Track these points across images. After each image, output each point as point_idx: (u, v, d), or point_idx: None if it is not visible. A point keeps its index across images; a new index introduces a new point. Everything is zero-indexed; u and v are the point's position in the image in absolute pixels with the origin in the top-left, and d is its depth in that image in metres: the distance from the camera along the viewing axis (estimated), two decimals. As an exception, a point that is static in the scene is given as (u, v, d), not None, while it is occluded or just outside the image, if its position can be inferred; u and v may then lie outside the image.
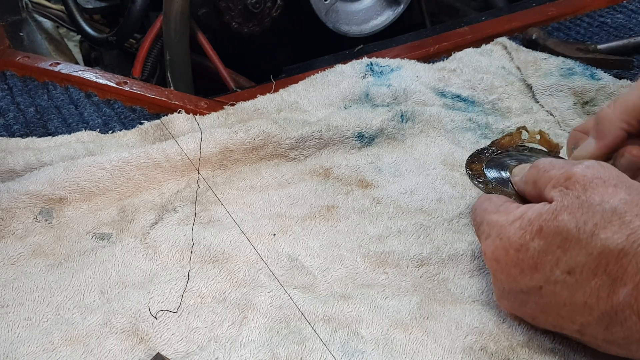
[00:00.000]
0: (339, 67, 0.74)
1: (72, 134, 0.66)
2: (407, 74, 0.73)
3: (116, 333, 0.46)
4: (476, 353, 0.44)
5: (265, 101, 0.70)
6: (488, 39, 0.82)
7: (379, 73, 0.73)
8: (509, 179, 0.51)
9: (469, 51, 0.79)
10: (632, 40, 0.80)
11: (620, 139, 0.48)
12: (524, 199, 0.48)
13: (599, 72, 0.73)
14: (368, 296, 0.48)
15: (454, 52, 0.79)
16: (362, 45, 0.88)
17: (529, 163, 0.50)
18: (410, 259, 0.52)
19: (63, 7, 1.12)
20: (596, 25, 0.88)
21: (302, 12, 0.94)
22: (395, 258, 0.52)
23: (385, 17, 1.02)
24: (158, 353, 0.44)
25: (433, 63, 0.78)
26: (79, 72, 0.77)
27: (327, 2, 0.95)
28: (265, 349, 0.44)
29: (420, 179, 0.61)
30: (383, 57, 0.76)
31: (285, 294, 0.48)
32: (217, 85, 0.91)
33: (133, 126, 0.68)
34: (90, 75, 0.76)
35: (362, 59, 0.75)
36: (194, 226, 0.55)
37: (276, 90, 0.73)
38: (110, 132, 0.67)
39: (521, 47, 0.79)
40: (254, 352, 0.44)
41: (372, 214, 0.57)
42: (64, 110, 0.71)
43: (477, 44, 0.81)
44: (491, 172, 0.54)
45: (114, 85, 0.75)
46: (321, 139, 0.64)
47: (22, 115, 0.70)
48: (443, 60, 0.78)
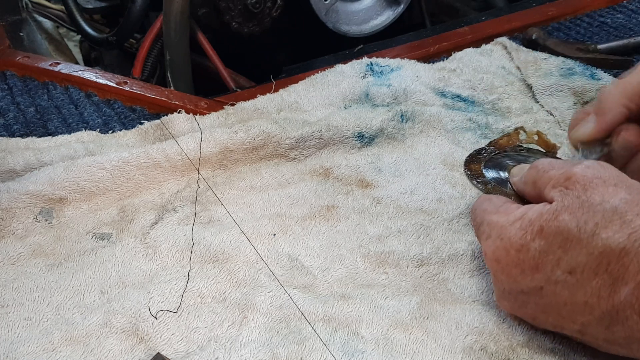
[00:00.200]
0: (339, 67, 0.74)
1: (72, 134, 0.66)
2: (407, 74, 0.73)
3: (116, 333, 0.46)
4: (476, 353, 0.44)
5: (265, 101, 0.70)
6: (488, 39, 0.82)
7: (379, 73, 0.73)
8: (508, 179, 0.51)
9: (469, 51, 0.79)
10: (632, 40, 0.80)
11: (620, 117, 0.48)
12: (523, 199, 0.48)
13: (599, 72, 0.73)
14: (368, 296, 0.48)
15: (454, 52, 0.79)
16: (362, 45, 0.87)
17: (527, 163, 0.50)
18: (410, 259, 0.52)
19: (63, 7, 1.12)
20: (596, 25, 0.87)
21: (302, 12, 0.94)
22: (395, 258, 0.52)
23: (385, 17, 1.02)
24: (158, 353, 0.44)
25: (433, 63, 0.78)
26: (79, 72, 0.77)
27: (327, 2, 0.95)
28: (265, 348, 0.44)
29: (420, 179, 0.61)
30: (383, 57, 0.76)
31: (285, 294, 0.48)
32: (217, 85, 0.91)
33: (133, 126, 0.68)
34: (90, 75, 0.76)
35: (362, 59, 0.75)
36: (194, 226, 0.55)
37: (276, 90, 0.73)
38: (110, 132, 0.67)
39: (521, 47, 0.79)
40: (254, 352, 0.44)
41: (372, 214, 0.57)
42: (64, 110, 0.71)
43: (477, 44, 0.81)
44: (489, 172, 0.54)
45: (114, 85, 0.75)
46: (321, 138, 0.64)
47: (22, 115, 0.70)
48: (443, 60, 0.78)
